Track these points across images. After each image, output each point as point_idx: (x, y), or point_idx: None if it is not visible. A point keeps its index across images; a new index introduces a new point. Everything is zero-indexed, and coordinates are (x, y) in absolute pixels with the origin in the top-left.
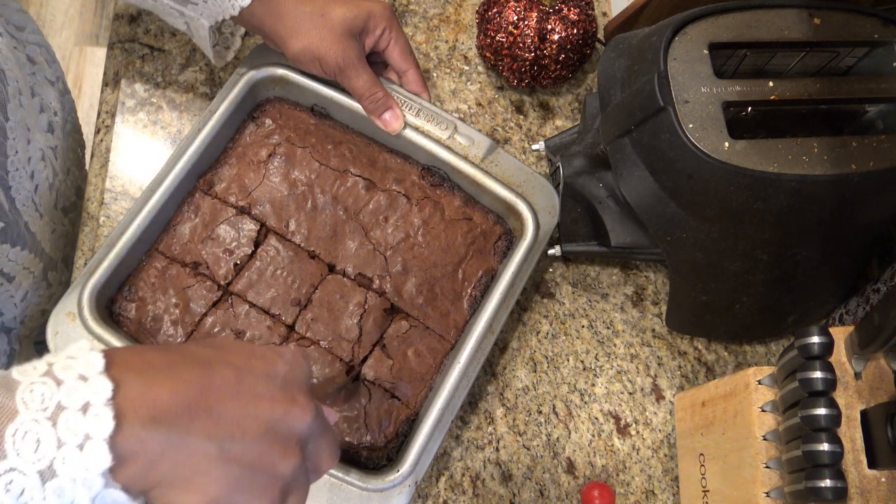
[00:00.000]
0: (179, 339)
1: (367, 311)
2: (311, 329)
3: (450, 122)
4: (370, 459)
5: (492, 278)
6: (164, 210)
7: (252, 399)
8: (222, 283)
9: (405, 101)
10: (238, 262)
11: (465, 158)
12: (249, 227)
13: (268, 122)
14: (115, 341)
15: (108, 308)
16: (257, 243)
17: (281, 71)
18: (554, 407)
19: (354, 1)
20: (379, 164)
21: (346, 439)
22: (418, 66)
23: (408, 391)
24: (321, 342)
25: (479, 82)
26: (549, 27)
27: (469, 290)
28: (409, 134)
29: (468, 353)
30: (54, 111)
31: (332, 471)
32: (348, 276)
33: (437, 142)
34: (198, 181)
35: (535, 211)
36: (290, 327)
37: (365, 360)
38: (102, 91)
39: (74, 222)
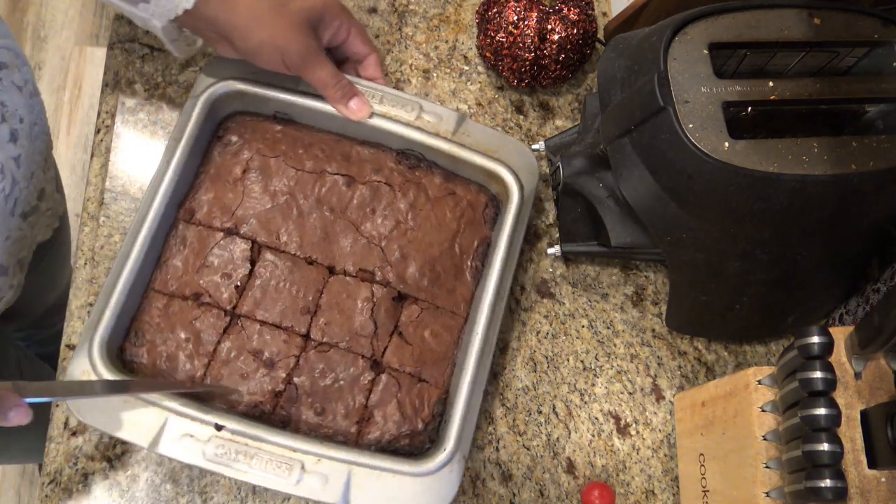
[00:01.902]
0: (199, 373)
1: (377, 304)
2: (326, 333)
3: (414, 103)
4: (413, 446)
5: (488, 246)
6: (152, 249)
7: None
8: (228, 307)
9: (366, 91)
10: (238, 283)
11: (436, 135)
12: (241, 246)
13: (233, 138)
14: None
15: (120, 357)
16: (253, 261)
17: (236, 85)
18: (554, 407)
19: None
20: (353, 158)
21: (387, 436)
22: (377, 50)
23: (433, 372)
24: (339, 344)
25: (479, 82)
26: (549, 27)
27: (469, 262)
28: (377, 122)
29: (484, 321)
30: (20, 118)
31: (381, 464)
32: (350, 275)
33: (406, 124)
34: (178, 212)
35: (515, 172)
36: (306, 336)
37: (385, 351)
38: (102, 91)
39: (34, 224)
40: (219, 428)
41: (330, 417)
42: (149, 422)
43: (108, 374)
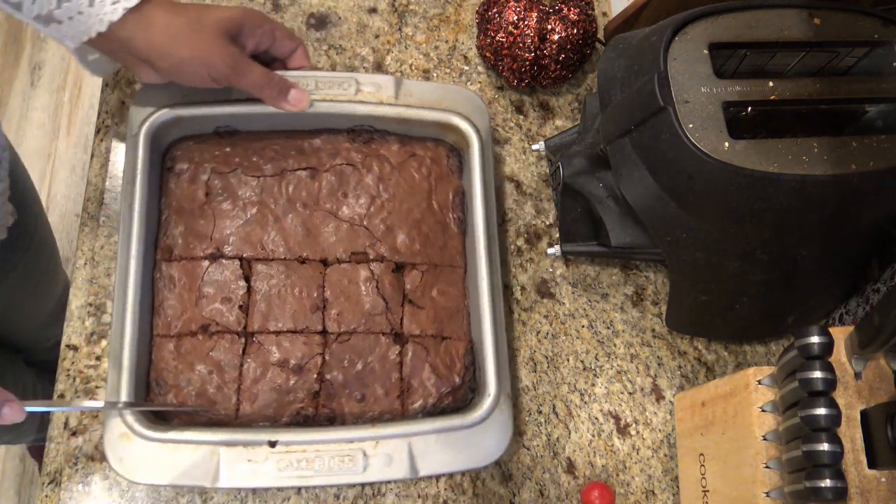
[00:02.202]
0: (233, 400)
1: (379, 280)
2: (342, 323)
3: (349, 79)
4: (457, 401)
5: (463, 195)
6: (144, 298)
7: None
8: (239, 329)
9: (298, 80)
10: (241, 303)
11: (380, 103)
12: (231, 267)
13: (184, 165)
14: (179, 434)
15: (151, 410)
16: (247, 277)
17: (171, 112)
18: (554, 407)
19: (222, 7)
20: (308, 149)
21: (431, 400)
22: (303, 42)
23: (452, 326)
24: (357, 329)
25: (479, 82)
26: (549, 27)
27: (451, 215)
28: (320, 107)
29: (484, 263)
30: None
31: (435, 427)
32: (344, 261)
33: (348, 101)
34: (156, 253)
35: (466, 117)
36: (323, 332)
37: (402, 321)
38: (102, 91)
39: None
40: (272, 444)
41: (371, 401)
42: (202, 461)
43: (146, 431)
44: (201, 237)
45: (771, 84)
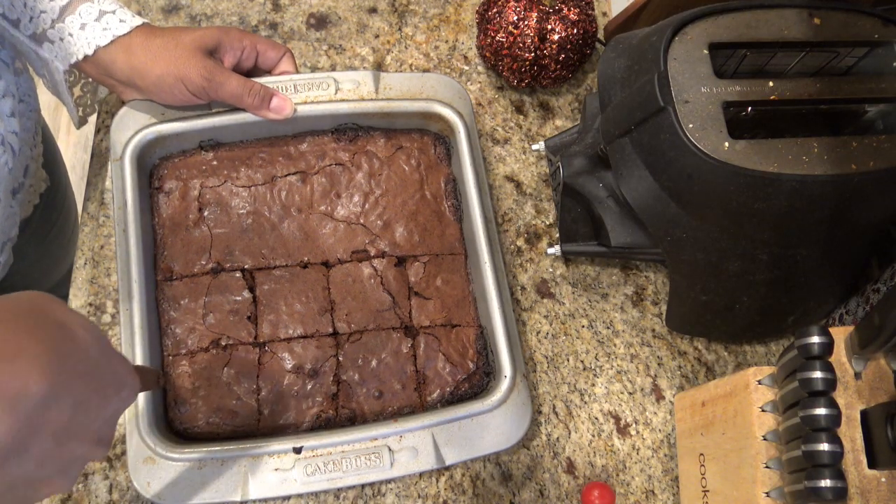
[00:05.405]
0: (254, 412)
1: (383, 276)
2: (351, 323)
3: (327, 78)
4: (473, 386)
5: (455, 182)
6: (151, 321)
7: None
8: (250, 340)
9: (276, 86)
10: (249, 314)
11: (362, 100)
12: (233, 280)
13: (172, 184)
14: (203, 451)
15: (172, 429)
16: (251, 288)
17: (152, 133)
18: (554, 407)
19: (200, 27)
20: (294, 154)
21: (448, 388)
22: (289, 49)
23: (460, 314)
24: (368, 327)
25: (479, 82)
26: (549, 27)
27: (445, 203)
28: (303, 110)
29: (485, 247)
30: (13, 94)
31: (455, 415)
32: (346, 261)
33: (329, 101)
34: (156, 275)
35: (448, 104)
36: (334, 334)
37: (410, 314)
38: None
39: (21, 201)
40: (298, 451)
41: (389, 396)
42: (230, 475)
43: (170, 452)
44: (200, 253)
45: (771, 84)
